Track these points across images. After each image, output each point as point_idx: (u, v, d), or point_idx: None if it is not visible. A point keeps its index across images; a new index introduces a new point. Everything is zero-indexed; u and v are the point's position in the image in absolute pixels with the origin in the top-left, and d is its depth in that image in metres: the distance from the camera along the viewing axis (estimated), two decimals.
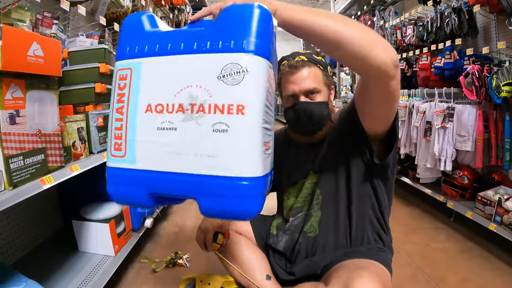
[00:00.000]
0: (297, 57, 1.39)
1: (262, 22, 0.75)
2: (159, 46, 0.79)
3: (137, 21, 0.83)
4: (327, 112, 1.40)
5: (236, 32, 0.73)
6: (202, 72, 0.72)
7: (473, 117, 2.73)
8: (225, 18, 0.76)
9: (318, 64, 1.39)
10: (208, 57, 0.72)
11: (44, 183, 1.24)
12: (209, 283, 1.69)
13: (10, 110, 1.09)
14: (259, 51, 0.73)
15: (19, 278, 1.28)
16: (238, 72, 0.71)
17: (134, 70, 0.80)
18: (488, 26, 3.07)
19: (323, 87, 1.39)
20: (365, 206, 1.41)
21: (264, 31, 0.75)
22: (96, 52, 1.85)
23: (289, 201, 1.60)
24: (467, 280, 2.01)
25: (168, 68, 0.76)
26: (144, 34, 0.82)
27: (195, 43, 0.75)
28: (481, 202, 2.46)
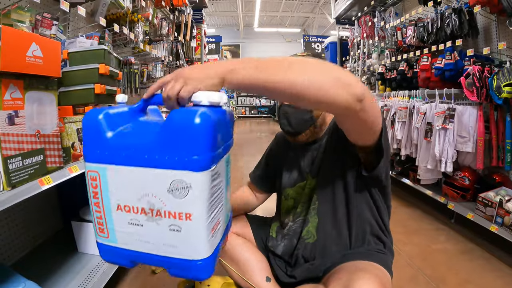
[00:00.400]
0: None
1: (204, 135, 0.82)
2: (119, 155, 0.87)
3: (96, 124, 0.89)
4: (308, 117, 1.40)
5: (180, 147, 0.81)
6: (156, 185, 0.84)
7: (474, 118, 2.72)
8: (172, 126, 0.84)
9: None
10: (158, 172, 0.83)
11: (43, 184, 1.24)
12: (208, 284, 1.68)
13: (8, 111, 1.09)
14: (201, 167, 0.81)
15: (18, 279, 1.27)
16: (183, 187, 0.82)
17: (101, 174, 0.89)
18: (489, 27, 3.07)
19: None
20: (363, 211, 1.40)
21: (206, 144, 0.82)
22: (96, 53, 1.85)
23: (287, 202, 1.60)
24: (468, 282, 2.00)
25: (129, 176, 0.86)
26: (104, 140, 0.89)
27: (147, 155, 0.84)
28: (482, 203, 2.45)
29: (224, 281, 1.69)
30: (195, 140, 0.81)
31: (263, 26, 17.48)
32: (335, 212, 1.43)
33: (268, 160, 1.76)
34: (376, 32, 4.98)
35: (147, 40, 3.37)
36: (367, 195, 1.39)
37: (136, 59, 3.49)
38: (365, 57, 5.67)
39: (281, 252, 1.55)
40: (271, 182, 1.73)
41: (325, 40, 9.22)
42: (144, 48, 3.32)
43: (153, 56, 3.71)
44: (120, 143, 0.88)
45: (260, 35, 18.11)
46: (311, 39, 10.77)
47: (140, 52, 3.43)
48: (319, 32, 16.05)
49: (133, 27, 3.07)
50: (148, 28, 3.44)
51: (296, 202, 1.56)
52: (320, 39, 10.61)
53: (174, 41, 4.59)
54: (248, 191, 1.81)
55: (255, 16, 15.54)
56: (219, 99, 0.89)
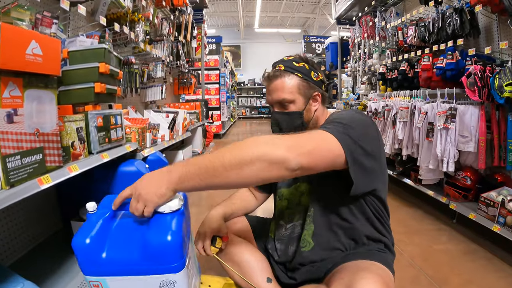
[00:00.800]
0: (277, 65, 1.44)
1: (177, 250, 1.08)
2: (114, 269, 1.07)
3: (86, 249, 1.04)
4: (299, 122, 1.42)
5: (161, 260, 1.07)
6: (149, 285, 1.09)
7: (476, 118, 2.70)
8: (151, 245, 1.06)
9: (296, 72, 1.40)
10: (150, 277, 1.08)
11: (42, 183, 1.23)
12: (210, 285, 1.67)
13: (7, 109, 1.08)
14: (180, 268, 1.09)
15: (16, 279, 1.25)
16: (170, 283, 1.10)
17: (103, 283, 1.09)
18: (490, 26, 3.06)
19: (298, 97, 1.40)
20: (359, 216, 1.37)
21: (180, 255, 1.09)
22: (96, 51, 1.84)
23: (281, 202, 1.59)
24: (470, 282, 1.99)
25: (126, 282, 1.09)
26: (98, 260, 1.06)
27: (137, 267, 1.07)
28: (484, 203, 2.44)
29: (225, 281, 1.68)
30: (172, 255, 1.08)
31: (264, 26, 17.48)
32: (330, 219, 1.42)
33: None
34: (377, 32, 4.96)
35: (147, 40, 3.36)
36: (362, 203, 1.36)
37: (137, 59, 3.48)
38: (366, 57, 5.66)
39: (279, 259, 1.55)
40: (270, 183, 1.71)
41: (325, 40, 9.21)
42: (145, 48, 3.31)
43: (153, 56, 3.70)
44: (112, 260, 1.08)
45: (261, 36, 18.13)
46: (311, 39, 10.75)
47: (140, 52, 3.42)
48: (320, 32, 16.06)
49: (134, 27, 3.06)
50: (149, 28, 3.43)
51: (290, 203, 1.56)
52: (321, 40, 10.59)
53: (175, 41, 4.58)
54: (248, 192, 1.80)
55: (256, 17, 15.55)
56: (178, 205, 1.13)
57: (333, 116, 1.34)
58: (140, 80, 3.53)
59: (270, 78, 1.42)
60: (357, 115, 1.31)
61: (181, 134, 3.78)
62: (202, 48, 6.66)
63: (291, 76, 1.39)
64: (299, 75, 1.40)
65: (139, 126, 2.41)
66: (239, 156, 1.01)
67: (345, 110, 1.48)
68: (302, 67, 1.41)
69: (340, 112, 1.41)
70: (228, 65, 11.40)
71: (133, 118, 2.82)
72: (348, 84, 9.87)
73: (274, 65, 1.46)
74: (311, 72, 1.43)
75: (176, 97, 5.84)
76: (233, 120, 13.77)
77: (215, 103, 9.42)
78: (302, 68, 1.41)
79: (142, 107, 4.07)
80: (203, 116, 5.65)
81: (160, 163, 2.57)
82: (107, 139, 1.86)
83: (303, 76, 1.40)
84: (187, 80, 5.46)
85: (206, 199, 3.75)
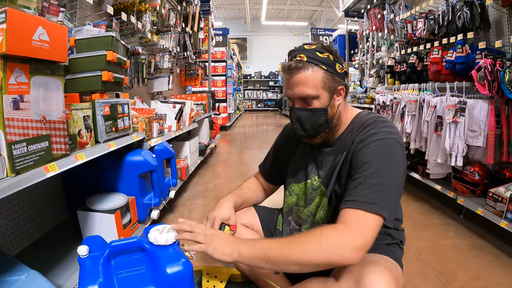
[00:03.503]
0: (297, 55, 1.28)
1: (190, 277, 1.20)
2: None
3: None
4: (323, 120, 1.31)
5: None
6: None
7: (485, 112, 2.67)
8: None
9: (320, 64, 1.26)
10: None
11: (48, 171, 1.22)
12: (216, 275, 1.67)
13: (13, 95, 1.07)
14: None
15: (21, 268, 1.25)
16: None
17: None
18: (501, 20, 3.01)
19: (323, 92, 1.28)
20: None
21: (192, 281, 1.21)
22: (103, 39, 1.83)
23: (291, 197, 1.56)
24: (477, 278, 1.97)
25: None
26: None
27: None
28: (492, 198, 2.41)
29: (231, 272, 1.67)
30: (186, 283, 1.18)
31: (270, 19, 17.42)
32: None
33: (276, 153, 1.71)
34: (386, 25, 4.93)
35: (154, 30, 3.35)
36: None
37: (144, 49, 3.47)
38: (374, 50, 5.62)
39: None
40: (279, 176, 1.69)
41: (333, 33, 9.16)
42: (152, 38, 3.30)
43: (160, 46, 3.69)
44: None
45: (267, 28, 18.05)
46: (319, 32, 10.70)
47: (147, 42, 3.41)
48: (327, 26, 15.97)
49: (141, 17, 3.05)
50: (156, 18, 3.41)
51: (299, 199, 1.53)
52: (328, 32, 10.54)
53: (182, 32, 4.56)
54: (257, 183, 1.77)
55: (263, 9, 15.48)
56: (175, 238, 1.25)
57: (368, 150, 1.23)
58: (147, 70, 3.51)
59: (292, 70, 1.27)
60: (393, 155, 1.23)
61: (188, 125, 3.78)
62: (209, 39, 6.64)
63: (315, 69, 1.25)
64: (323, 68, 1.26)
65: (146, 116, 2.41)
66: (305, 257, 1.06)
67: (376, 131, 1.28)
68: (326, 58, 1.27)
69: (374, 136, 1.25)
70: (234, 58, 11.38)
71: (140, 108, 2.81)
72: (354, 77, 9.78)
73: (293, 54, 1.30)
74: (336, 63, 1.30)
75: (182, 88, 5.83)
76: (239, 112, 13.76)
77: (222, 95, 9.41)
78: (327, 59, 1.27)
79: (148, 97, 4.06)
80: (210, 108, 5.64)
81: (167, 153, 2.57)
82: (114, 128, 1.86)
83: (327, 69, 1.26)
84: (193, 72, 5.44)
85: (212, 190, 3.75)
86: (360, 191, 1.14)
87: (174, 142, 3.76)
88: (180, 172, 3.34)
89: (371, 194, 1.12)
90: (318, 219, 1.45)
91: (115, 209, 1.86)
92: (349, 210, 1.12)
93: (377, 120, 1.32)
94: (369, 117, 1.36)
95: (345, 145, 1.35)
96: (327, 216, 1.42)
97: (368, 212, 1.10)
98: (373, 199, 1.11)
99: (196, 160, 4.33)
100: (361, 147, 1.24)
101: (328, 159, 1.41)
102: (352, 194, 1.15)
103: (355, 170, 1.22)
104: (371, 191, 1.13)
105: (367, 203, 1.11)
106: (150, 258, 1.24)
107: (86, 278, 1.09)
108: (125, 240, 1.23)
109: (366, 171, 1.18)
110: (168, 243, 1.23)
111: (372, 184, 1.14)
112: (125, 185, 2.10)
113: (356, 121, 1.36)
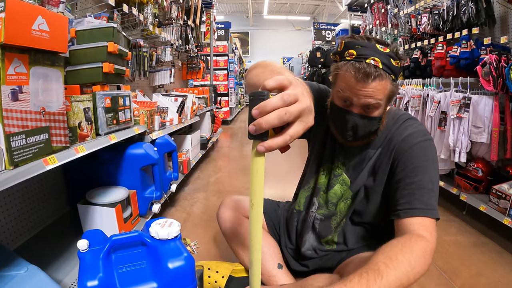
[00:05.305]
0: (371, 57, 1.13)
1: (192, 271, 1.21)
2: None
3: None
4: (376, 128, 1.27)
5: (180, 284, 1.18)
6: None
7: (490, 108, 2.64)
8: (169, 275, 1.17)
9: (392, 74, 1.17)
10: None
11: (48, 164, 1.20)
12: (217, 271, 1.66)
13: (12, 86, 1.04)
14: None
15: (20, 263, 1.24)
16: None
17: None
18: (506, 16, 2.98)
19: (385, 101, 1.21)
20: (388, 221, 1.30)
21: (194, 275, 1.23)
22: (104, 30, 1.80)
23: (323, 177, 1.50)
24: (480, 275, 1.96)
25: None
26: None
27: None
28: (495, 195, 2.39)
29: (233, 267, 1.66)
30: (188, 277, 1.19)
31: (273, 13, 17.34)
32: (362, 229, 1.42)
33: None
34: (389, 20, 4.88)
35: (156, 23, 3.32)
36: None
37: (145, 42, 3.44)
38: None
39: (303, 252, 1.52)
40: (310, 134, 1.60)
41: (336, 27, 9.10)
42: (154, 31, 3.27)
43: (162, 39, 3.66)
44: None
45: (269, 23, 17.99)
46: (321, 26, 10.60)
47: (149, 35, 3.38)
48: (329, 20, 15.88)
49: (142, 9, 3.01)
50: (157, 10, 3.38)
51: (325, 182, 1.49)
52: (331, 27, 10.45)
53: (184, 25, 4.53)
54: None
55: (265, 3, 15.42)
56: (178, 231, 1.26)
57: (416, 153, 1.23)
58: (149, 63, 3.49)
59: (369, 77, 1.13)
60: (434, 155, 1.25)
61: (189, 118, 3.75)
62: (211, 33, 6.60)
63: (387, 79, 1.16)
64: (392, 77, 1.18)
65: (147, 109, 2.38)
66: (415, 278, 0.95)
67: (413, 131, 1.28)
68: (396, 67, 1.18)
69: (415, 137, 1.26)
70: (236, 52, 11.33)
71: (142, 101, 2.79)
72: None
73: (364, 54, 1.14)
74: (400, 72, 1.25)
75: (184, 82, 5.80)
76: (240, 107, 13.73)
77: (223, 89, 9.38)
78: (396, 68, 1.18)
79: (150, 91, 4.04)
80: (212, 102, 5.61)
81: (169, 147, 2.55)
82: (115, 121, 1.83)
83: (394, 79, 1.19)
84: (195, 65, 5.41)
85: (214, 184, 3.73)
86: (421, 198, 1.15)
87: (176, 136, 3.74)
88: (182, 165, 3.32)
89: (430, 200, 1.15)
90: (337, 211, 1.44)
91: (116, 203, 1.84)
92: (418, 218, 1.13)
93: (405, 115, 1.35)
94: (397, 112, 1.36)
95: (378, 141, 1.33)
96: (348, 209, 1.42)
97: (431, 218, 1.13)
98: (432, 205, 1.15)
99: (198, 154, 4.31)
100: (406, 149, 1.25)
101: (354, 150, 1.39)
102: (412, 202, 1.16)
103: (405, 173, 1.22)
104: (430, 196, 1.16)
105: (430, 209, 1.14)
106: (152, 252, 1.23)
107: (85, 273, 1.08)
108: (126, 234, 1.21)
109: (418, 176, 1.19)
110: (169, 237, 1.23)
111: (428, 189, 1.16)
112: (126, 178, 2.08)
113: (385, 116, 1.32)
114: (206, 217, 2.74)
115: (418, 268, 0.95)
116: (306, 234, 1.50)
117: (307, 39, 15.45)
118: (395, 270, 0.90)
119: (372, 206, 1.37)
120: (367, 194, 1.37)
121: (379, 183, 1.32)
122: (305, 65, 11.54)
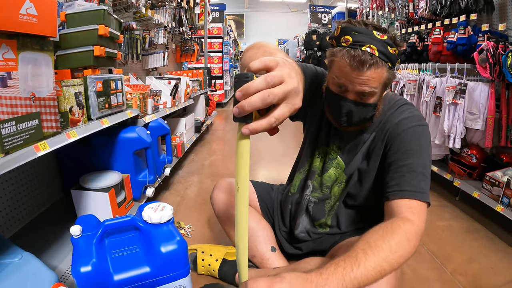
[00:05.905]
0: (367, 45, 1.10)
1: (185, 255, 1.23)
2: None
3: (92, 277, 1.07)
4: (371, 114, 1.26)
5: (170, 269, 1.20)
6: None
7: (485, 95, 2.63)
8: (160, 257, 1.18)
9: (388, 62, 1.14)
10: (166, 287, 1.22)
11: (39, 150, 1.18)
12: (211, 254, 1.66)
13: (1, 72, 1.02)
14: (187, 273, 1.25)
15: (15, 251, 1.23)
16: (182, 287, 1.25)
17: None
18: (505, 3, 2.94)
19: (380, 88, 1.19)
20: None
21: (185, 261, 1.24)
22: (95, 13, 1.75)
23: (318, 160, 1.50)
24: (472, 260, 1.98)
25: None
26: (105, 284, 1.12)
27: (149, 283, 1.18)
28: (489, 182, 2.40)
29: (227, 250, 1.68)
30: (181, 261, 1.22)
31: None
32: (354, 208, 1.44)
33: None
34: (386, 3, 4.84)
35: (149, 5, 3.25)
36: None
37: (138, 24, 3.38)
38: None
39: (296, 234, 1.53)
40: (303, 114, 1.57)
41: (332, 10, 9.01)
42: (146, 13, 3.21)
43: (155, 21, 3.60)
44: (122, 282, 1.13)
45: (265, 5, 17.75)
46: (318, 9, 10.49)
47: (141, 17, 3.32)
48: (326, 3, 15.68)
49: None
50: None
51: (319, 165, 1.50)
52: (327, 10, 10.34)
53: (177, 7, 4.45)
54: None
55: None
56: (171, 215, 1.27)
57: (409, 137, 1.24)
58: (142, 46, 3.43)
59: (364, 65, 1.11)
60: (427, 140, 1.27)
61: (183, 101, 3.72)
62: (205, 15, 6.51)
63: (383, 66, 1.14)
64: (389, 65, 1.15)
65: (140, 92, 2.35)
66: (399, 262, 0.95)
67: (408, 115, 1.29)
68: (394, 55, 1.15)
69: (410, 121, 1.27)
70: (231, 34, 11.20)
71: (134, 85, 2.75)
72: None
73: (360, 41, 1.11)
74: (398, 59, 1.21)
75: (178, 65, 5.74)
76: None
77: (218, 71, 9.29)
78: (393, 56, 1.15)
79: (143, 74, 3.99)
80: (206, 84, 5.57)
81: (162, 130, 2.53)
82: (107, 105, 1.81)
83: (391, 66, 1.17)
84: (189, 48, 5.34)
85: (208, 167, 3.73)
86: (411, 181, 1.15)
87: (170, 119, 3.72)
88: (176, 149, 3.31)
89: (420, 183, 1.15)
90: (331, 194, 1.45)
91: (109, 187, 1.83)
92: (406, 200, 1.13)
93: (401, 100, 1.35)
94: (393, 97, 1.36)
95: (373, 125, 1.33)
96: (342, 192, 1.43)
97: (421, 201, 1.13)
98: (422, 188, 1.14)
99: (192, 137, 4.29)
100: (399, 132, 1.25)
101: (350, 134, 1.38)
102: (401, 184, 1.16)
103: (397, 156, 1.22)
104: (420, 180, 1.15)
105: (420, 192, 1.13)
106: (144, 237, 1.23)
107: (79, 259, 1.08)
108: (119, 219, 1.22)
109: (410, 159, 1.19)
110: (162, 221, 1.23)
111: (419, 173, 1.16)
112: (119, 162, 2.07)
113: (381, 103, 1.30)
114: (200, 200, 2.74)
115: (401, 251, 0.95)
116: (300, 217, 1.51)
117: (303, 22, 15.29)
118: (374, 257, 0.90)
119: (365, 189, 1.38)
120: (361, 178, 1.38)
121: (373, 166, 1.34)
122: (300, 47, 11.44)
